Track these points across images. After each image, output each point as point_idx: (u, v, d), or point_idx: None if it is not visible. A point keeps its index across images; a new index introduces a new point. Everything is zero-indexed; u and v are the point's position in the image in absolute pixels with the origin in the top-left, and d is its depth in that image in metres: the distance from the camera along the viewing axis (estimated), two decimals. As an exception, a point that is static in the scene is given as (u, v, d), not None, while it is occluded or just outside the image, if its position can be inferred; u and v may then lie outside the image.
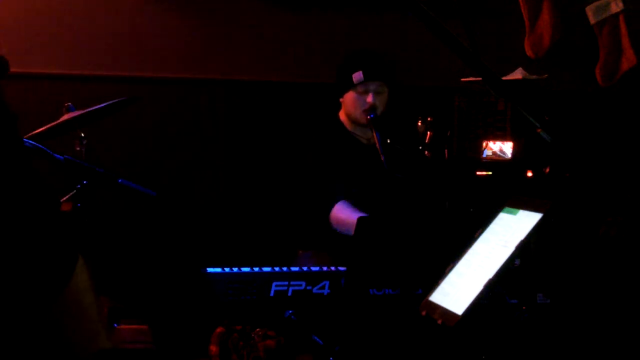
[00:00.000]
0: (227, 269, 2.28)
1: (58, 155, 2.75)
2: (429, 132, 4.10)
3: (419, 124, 4.14)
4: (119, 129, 4.14)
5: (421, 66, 4.39)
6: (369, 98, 3.41)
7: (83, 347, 1.02)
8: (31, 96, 4.00)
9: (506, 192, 3.53)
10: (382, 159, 3.27)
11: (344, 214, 3.28)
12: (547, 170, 4.07)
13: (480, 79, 1.88)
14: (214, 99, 4.42)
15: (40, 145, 2.62)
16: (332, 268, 2.39)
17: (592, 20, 4.89)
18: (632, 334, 2.79)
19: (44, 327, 0.97)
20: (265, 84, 4.49)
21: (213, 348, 2.41)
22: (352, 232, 3.26)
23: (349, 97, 3.47)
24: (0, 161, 0.96)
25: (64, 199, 2.81)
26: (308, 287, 2.33)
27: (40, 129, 3.14)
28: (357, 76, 3.43)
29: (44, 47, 4.11)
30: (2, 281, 0.93)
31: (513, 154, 4.27)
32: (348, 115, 3.52)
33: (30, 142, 2.65)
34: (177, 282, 4.03)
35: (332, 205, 3.32)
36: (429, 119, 4.16)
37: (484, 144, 4.34)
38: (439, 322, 2.01)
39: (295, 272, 2.34)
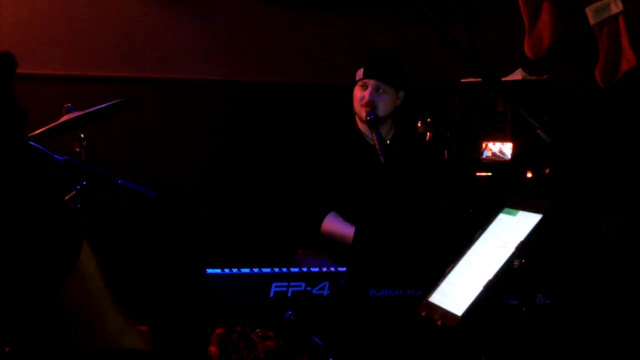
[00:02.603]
0: (227, 270, 2.28)
1: (58, 157, 2.75)
2: (428, 133, 4.10)
3: (419, 124, 4.14)
4: (119, 129, 4.14)
5: (421, 67, 4.39)
6: (366, 93, 3.49)
7: (95, 336, 1.01)
8: (31, 97, 4.00)
9: (506, 193, 3.53)
10: (382, 159, 3.28)
11: (333, 226, 3.45)
12: (547, 171, 4.07)
13: (480, 79, 1.88)
14: (214, 99, 4.42)
15: (39, 147, 2.62)
16: (332, 269, 2.39)
17: (592, 21, 4.89)
18: (632, 334, 2.79)
19: (50, 316, 0.97)
20: (266, 85, 4.49)
21: (213, 349, 2.42)
22: (342, 243, 3.35)
23: (353, 93, 3.58)
24: (6, 152, 0.98)
25: (64, 199, 2.81)
26: (308, 288, 2.33)
27: (40, 130, 3.14)
28: (359, 73, 3.59)
29: (44, 47, 4.11)
30: (5, 268, 0.93)
31: (513, 154, 4.27)
32: (355, 113, 3.60)
33: (30, 143, 2.64)
34: (177, 282, 4.03)
35: (323, 216, 3.48)
36: (428, 119, 4.16)
37: (484, 145, 4.34)
38: (439, 323, 2.01)
39: (295, 273, 2.34)
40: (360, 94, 3.55)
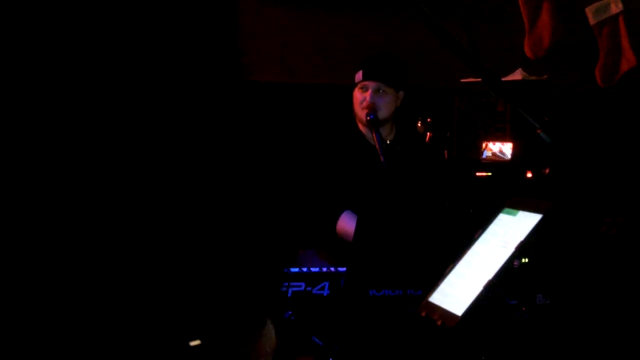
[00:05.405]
0: (226, 270, 2.28)
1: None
2: (428, 133, 4.10)
3: (419, 124, 4.14)
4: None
5: (421, 67, 4.39)
6: (367, 95, 3.47)
7: None
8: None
9: (506, 193, 3.54)
10: (382, 159, 3.28)
11: (349, 225, 3.37)
12: (547, 171, 4.07)
13: (479, 79, 1.88)
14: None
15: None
16: (332, 269, 2.39)
17: (592, 21, 4.90)
18: (632, 334, 2.79)
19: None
20: (266, 85, 4.49)
21: (213, 349, 2.41)
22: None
23: (353, 95, 3.54)
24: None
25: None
26: (308, 288, 2.33)
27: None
28: (359, 75, 3.55)
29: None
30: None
31: (513, 154, 4.27)
32: (355, 115, 3.59)
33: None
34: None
35: (338, 215, 3.39)
36: (428, 119, 4.16)
37: (484, 145, 4.34)
38: (439, 323, 2.01)
39: (295, 273, 2.34)
40: (360, 97, 3.53)
